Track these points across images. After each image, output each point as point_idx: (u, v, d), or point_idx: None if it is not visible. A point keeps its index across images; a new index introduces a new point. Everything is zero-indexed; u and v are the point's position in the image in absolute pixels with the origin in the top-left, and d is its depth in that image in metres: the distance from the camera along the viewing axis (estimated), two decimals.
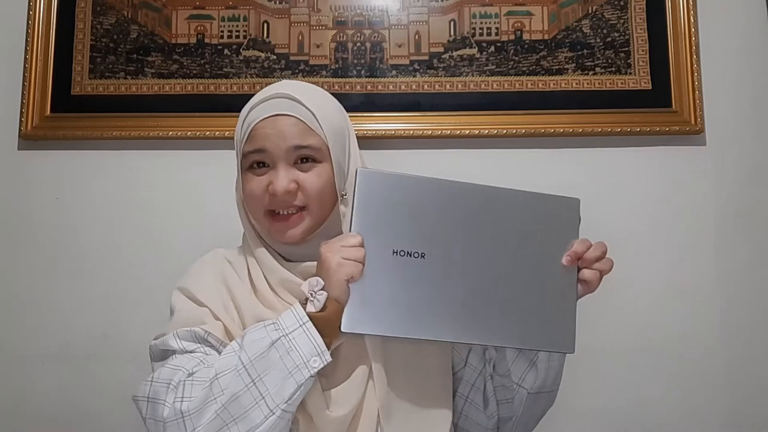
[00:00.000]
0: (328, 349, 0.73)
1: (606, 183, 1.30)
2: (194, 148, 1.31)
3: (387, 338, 0.80)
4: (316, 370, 0.71)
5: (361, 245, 0.74)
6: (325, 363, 0.72)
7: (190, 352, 0.78)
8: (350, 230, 0.75)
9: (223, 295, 0.84)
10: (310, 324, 0.72)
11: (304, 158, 0.82)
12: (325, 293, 0.73)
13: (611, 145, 1.30)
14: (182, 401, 0.71)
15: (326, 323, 0.73)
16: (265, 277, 0.85)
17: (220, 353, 0.78)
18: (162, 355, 0.81)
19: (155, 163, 1.32)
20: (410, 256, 0.75)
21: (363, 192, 0.75)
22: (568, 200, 0.81)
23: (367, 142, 1.27)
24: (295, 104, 0.82)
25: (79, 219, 1.31)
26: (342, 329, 0.73)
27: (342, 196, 0.84)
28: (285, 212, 0.82)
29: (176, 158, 1.32)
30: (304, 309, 0.73)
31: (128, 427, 1.15)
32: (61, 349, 1.28)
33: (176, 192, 1.31)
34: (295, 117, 0.81)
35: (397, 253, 0.75)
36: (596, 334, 1.27)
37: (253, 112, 0.84)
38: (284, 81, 0.89)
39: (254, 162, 0.83)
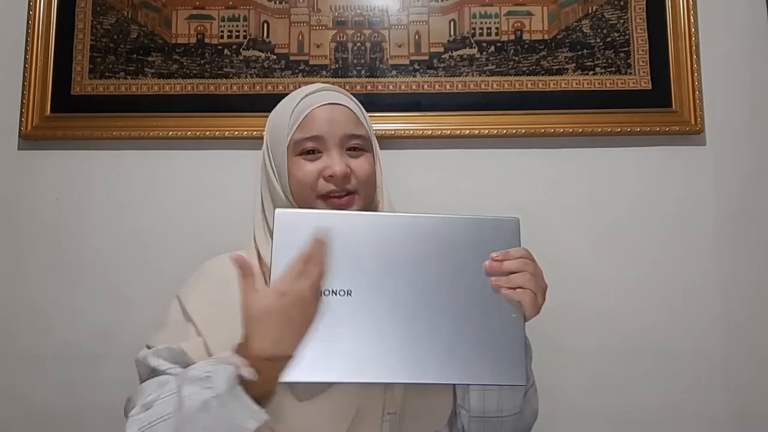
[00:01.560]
0: (263, 405, 0.69)
1: (606, 183, 1.30)
2: (194, 148, 1.31)
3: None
4: (253, 431, 0.68)
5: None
6: (262, 422, 0.68)
7: (164, 371, 0.78)
8: (270, 272, 0.72)
9: (214, 308, 0.83)
10: (239, 388, 0.68)
11: (353, 147, 0.87)
12: (235, 373, 0.69)
13: (611, 145, 1.30)
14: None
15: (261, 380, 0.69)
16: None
17: None
18: (144, 370, 0.82)
19: (155, 163, 1.32)
20: (336, 294, 0.71)
21: (282, 232, 0.73)
22: (505, 221, 0.76)
23: None
24: (345, 97, 0.89)
25: (79, 219, 1.31)
26: (278, 379, 0.71)
27: (378, 189, 0.90)
28: (338, 195, 0.85)
29: (176, 158, 1.32)
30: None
31: None
32: (61, 349, 1.27)
33: (176, 192, 1.31)
34: (347, 107, 0.88)
35: (321, 292, 0.71)
36: (596, 334, 1.27)
37: (306, 101, 0.88)
38: (319, 83, 0.94)
39: (306, 148, 0.86)
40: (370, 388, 0.81)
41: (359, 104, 0.92)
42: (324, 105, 0.86)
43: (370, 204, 0.88)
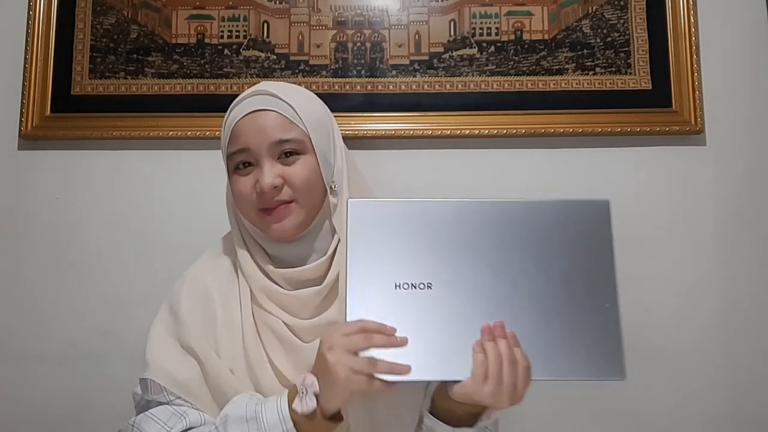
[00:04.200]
0: None
1: (606, 183, 1.30)
2: (194, 148, 1.31)
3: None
4: None
5: (364, 330, 0.68)
6: None
7: (169, 402, 0.80)
8: (346, 265, 0.69)
9: (204, 322, 0.83)
10: (291, 427, 0.70)
11: (288, 152, 0.81)
12: (314, 401, 0.69)
13: (611, 145, 1.30)
14: None
15: (311, 431, 0.70)
16: (248, 283, 0.84)
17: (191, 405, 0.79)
18: (144, 398, 0.83)
19: (155, 163, 1.32)
20: (415, 288, 0.68)
21: (355, 224, 0.70)
22: (594, 203, 0.72)
23: (367, 142, 1.28)
24: (274, 99, 0.82)
25: (79, 219, 1.31)
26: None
27: (331, 188, 0.84)
28: (273, 207, 0.81)
29: (176, 158, 1.32)
30: (291, 401, 0.71)
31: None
32: (62, 349, 1.28)
33: (176, 192, 1.31)
34: (275, 111, 0.81)
35: (399, 286, 0.68)
36: None
37: (232, 112, 0.84)
38: (264, 81, 0.88)
39: (239, 162, 0.82)
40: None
41: (297, 102, 0.83)
42: (248, 115, 0.81)
43: (316, 208, 0.83)
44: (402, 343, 0.67)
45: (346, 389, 0.68)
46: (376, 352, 0.67)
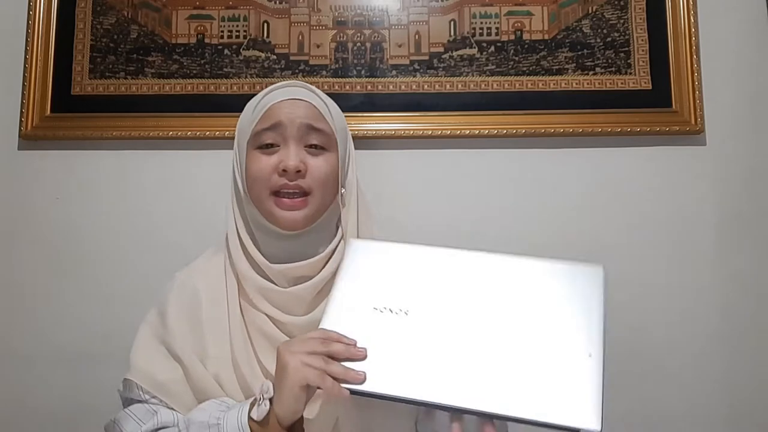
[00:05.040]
0: None
1: (606, 183, 1.30)
2: (194, 148, 1.31)
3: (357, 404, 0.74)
4: None
5: (327, 338, 0.69)
6: None
7: (145, 401, 0.82)
8: (330, 300, 0.73)
9: (190, 324, 0.84)
10: None
11: (314, 145, 0.83)
12: (267, 406, 0.69)
13: (611, 145, 1.30)
14: None
15: None
16: (238, 282, 0.85)
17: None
18: (126, 397, 0.85)
19: (155, 163, 1.32)
20: (392, 312, 0.71)
21: (352, 261, 0.75)
22: (587, 269, 0.72)
23: (367, 142, 1.28)
24: (310, 93, 0.87)
25: (79, 219, 1.31)
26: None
27: (341, 191, 0.86)
28: (290, 194, 0.82)
29: (176, 158, 1.32)
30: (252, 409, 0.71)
31: None
32: (62, 349, 1.28)
33: (176, 192, 1.31)
34: (310, 102, 0.85)
35: (377, 309, 0.71)
36: None
37: (269, 96, 0.86)
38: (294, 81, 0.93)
39: (264, 142, 0.83)
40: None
41: (329, 103, 0.89)
42: (286, 100, 0.84)
43: (324, 208, 0.85)
44: (360, 355, 0.68)
45: (295, 383, 0.67)
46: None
